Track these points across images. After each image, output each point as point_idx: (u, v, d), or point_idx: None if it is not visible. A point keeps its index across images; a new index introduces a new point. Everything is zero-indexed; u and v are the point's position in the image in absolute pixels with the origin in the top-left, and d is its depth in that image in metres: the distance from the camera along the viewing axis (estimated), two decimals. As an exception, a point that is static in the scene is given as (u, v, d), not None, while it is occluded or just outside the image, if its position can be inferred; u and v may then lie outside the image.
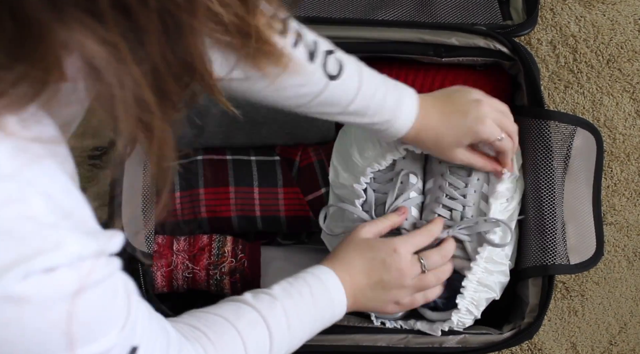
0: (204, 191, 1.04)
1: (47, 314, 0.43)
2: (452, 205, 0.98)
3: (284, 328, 0.78)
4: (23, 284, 0.42)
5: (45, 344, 0.44)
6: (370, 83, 0.88)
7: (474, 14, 1.11)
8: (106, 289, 0.48)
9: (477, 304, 0.96)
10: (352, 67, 0.86)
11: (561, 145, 1.00)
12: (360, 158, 1.01)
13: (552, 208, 0.99)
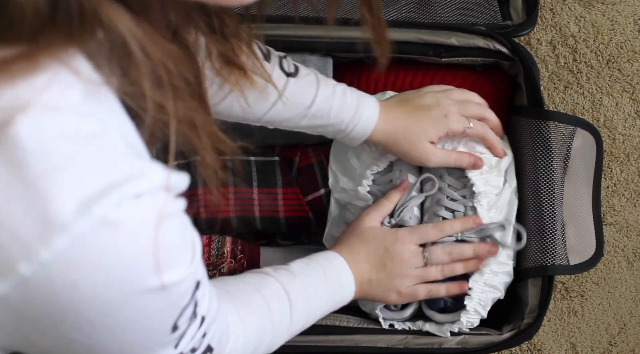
0: (202, 192, 1.04)
1: (138, 239, 0.45)
2: (453, 206, 0.98)
3: (303, 302, 0.82)
4: (117, 209, 0.43)
5: (137, 269, 0.46)
6: (327, 82, 0.91)
7: (474, 14, 1.11)
8: (180, 220, 0.50)
9: (485, 304, 0.97)
10: (305, 68, 0.89)
11: (561, 146, 1.00)
12: (357, 161, 1.01)
13: (552, 209, 0.99)
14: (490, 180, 0.98)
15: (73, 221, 0.42)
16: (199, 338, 0.60)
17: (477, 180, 0.98)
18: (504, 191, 0.99)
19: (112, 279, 0.45)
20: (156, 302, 0.49)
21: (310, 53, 1.06)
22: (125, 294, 0.46)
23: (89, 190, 0.43)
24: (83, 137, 0.44)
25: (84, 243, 0.43)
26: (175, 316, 0.52)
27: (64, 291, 0.44)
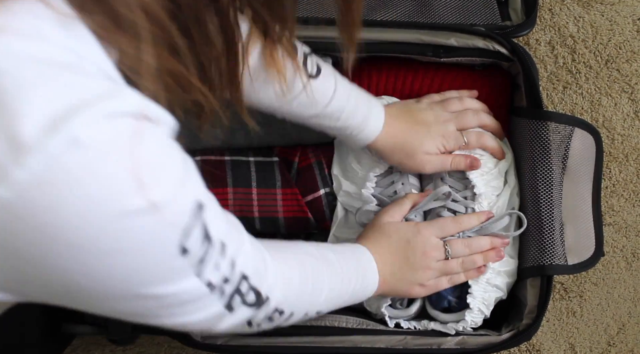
0: (202, 192, 1.04)
1: (112, 157, 0.44)
2: (455, 207, 0.99)
3: (337, 272, 0.82)
4: (88, 128, 0.43)
5: (116, 187, 0.45)
6: (344, 86, 0.92)
7: (473, 14, 1.11)
8: (163, 140, 0.50)
9: (488, 304, 0.97)
10: (328, 69, 0.90)
11: (559, 146, 1.00)
12: (358, 165, 1.02)
13: (550, 209, 0.99)
14: (490, 181, 0.99)
15: (43, 140, 0.42)
16: (226, 267, 0.59)
17: (478, 182, 0.98)
18: (504, 192, 0.99)
19: (93, 199, 0.44)
20: (148, 222, 0.47)
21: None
22: (110, 215, 0.45)
23: (58, 109, 0.42)
24: (55, 63, 0.44)
25: (58, 162, 0.42)
26: (178, 237, 0.51)
27: (46, 215, 0.43)
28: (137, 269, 0.50)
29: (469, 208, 0.98)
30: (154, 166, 0.47)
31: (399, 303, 1.00)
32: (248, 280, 0.63)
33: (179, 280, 0.54)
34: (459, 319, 0.97)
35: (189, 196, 0.51)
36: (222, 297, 0.60)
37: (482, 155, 0.99)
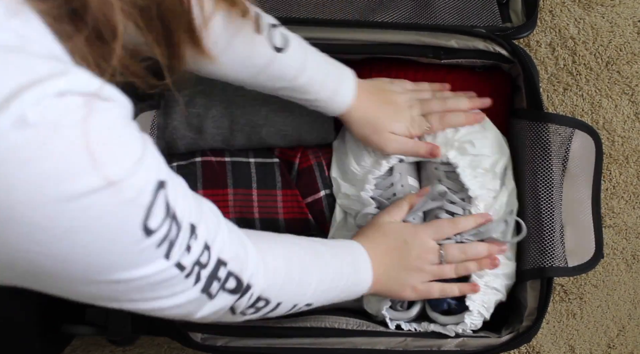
0: (202, 193, 1.03)
1: (63, 134, 0.44)
2: (453, 209, 0.99)
3: (327, 264, 0.82)
4: (36, 106, 0.43)
5: (70, 165, 0.44)
6: (315, 58, 0.92)
7: (473, 16, 1.11)
8: (117, 117, 0.49)
9: (487, 306, 0.97)
10: (296, 41, 0.90)
11: (559, 148, 1.00)
12: (358, 166, 1.02)
13: (551, 211, 0.99)
14: (485, 183, 0.99)
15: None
16: (199, 250, 0.58)
17: (472, 184, 0.98)
18: (501, 194, 0.99)
19: (46, 177, 0.44)
20: (106, 200, 0.47)
21: (309, 55, 1.06)
22: (64, 193, 0.45)
23: (5, 89, 0.42)
24: (1, 46, 0.43)
25: (7, 140, 0.42)
26: (141, 217, 0.50)
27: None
28: (99, 250, 0.49)
29: (466, 209, 0.98)
30: (108, 143, 0.47)
31: (400, 305, 1.00)
32: (227, 266, 0.63)
33: (146, 262, 0.53)
34: (458, 321, 0.97)
35: (149, 174, 0.51)
36: (198, 282, 0.60)
37: (477, 155, 0.99)
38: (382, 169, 1.01)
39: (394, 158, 1.01)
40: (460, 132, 1.00)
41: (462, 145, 0.99)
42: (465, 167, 0.99)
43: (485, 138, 1.00)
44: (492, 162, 1.00)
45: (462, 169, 0.99)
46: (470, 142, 0.99)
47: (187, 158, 1.06)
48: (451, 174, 1.00)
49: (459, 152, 0.99)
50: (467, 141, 0.99)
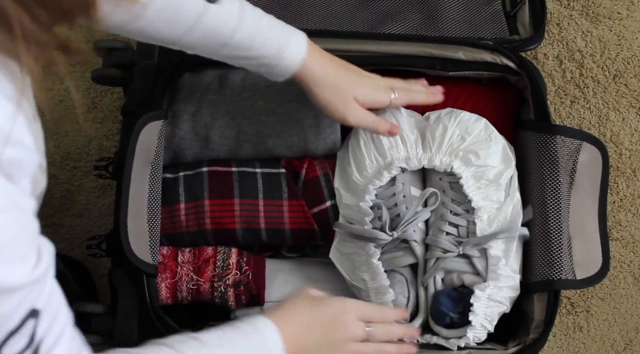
0: (209, 203, 1.04)
1: None
2: (457, 221, 0.99)
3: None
4: None
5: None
6: (253, 12, 0.87)
7: (481, 28, 1.11)
8: (11, 220, 0.46)
9: (491, 319, 0.96)
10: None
11: (567, 160, 1.00)
12: (360, 176, 1.02)
13: (558, 223, 0.98)
14: (489, 195, 0.99)
15: None
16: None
17: (475, 195, 0.98)
18: (505, 205, 0.99)
19: None
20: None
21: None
22: None
23: None
24: None
25: None
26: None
27: None
28: None
29: (470, 221, 0.98)
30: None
31: (402, 319, 0.99)
32: None
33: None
34: (461, 335, 0.96)
35: (25, 297, 0.47)
36: None
37: (482, 166, 0.99)
38: (384, 179, 1.01)
39: (395, 168, 1.00)
40: (466, 141, 1.00)
41: (466, 155, 0.99)
42: (469, 177, 0.99)
43: (489, 148, 1.00)
44: (496, 173, 1.00)
45: (466, 180, 0.99)
46: (475, 153, 0.99)
47: (194, 168, 1.06)
48: (455, 185, 1.00)
49: (463, 162, 0.99)
50: (472, 151, 0.99)
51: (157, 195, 1.00)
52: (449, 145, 1.00)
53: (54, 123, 1.25)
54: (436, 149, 1.01)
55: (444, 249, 0.98)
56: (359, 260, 1.01)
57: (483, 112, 1.06)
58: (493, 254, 0.97)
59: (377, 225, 1.01)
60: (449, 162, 0.99)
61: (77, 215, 1.23)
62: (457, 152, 1.00)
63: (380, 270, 0.99)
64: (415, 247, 1.00)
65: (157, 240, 1.00)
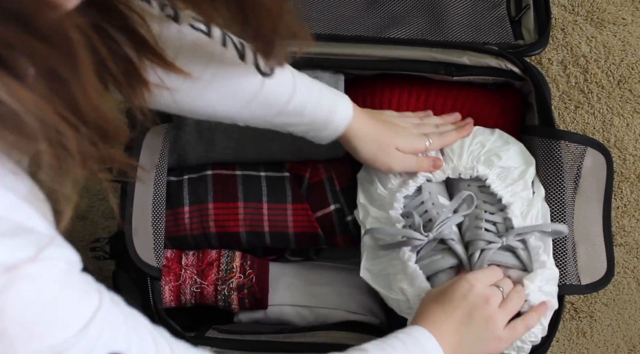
0: (213, 206, 1.04)
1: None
2: (493, 218, 0.97)
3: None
4: None
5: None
6: (304, 80, 0.90)
7: (486, 33, 1.11)
8: (45, 286, 0.47)
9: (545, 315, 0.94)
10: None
11: (571, 165, 1.00)
12: (385, 189, 1.01)
13: (563, 228, 0.98)
14: (517, 192, 0.98)
15: None
16: None
17: (504, 194, 0.97)
18: (535, 201, 0.98)
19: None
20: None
21: (322, 69, 1.07)
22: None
23: None
24: None
25: None
26: None
27: None
28: None
29: (505, 218, 0.96)
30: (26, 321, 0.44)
31: None
32: None
33: None
34: None
35: (98, 343, 0.48)
36: None
37: (505, 167, 0.98)
38: (410, 189, 1.00)
39: (421, 177, 1.00)
40: (486, 147, 1.00)
41: (488, 158, 0.99)
42: (495, 178, 0.99)
43: (509, 150, 1.00)
44: (520, 172, 0.99)
45: (492, 180, 0.98)
46: (497, 154, 0.99)
47: (198, 171, 1.06)
48: (484, 188, 0.99)
49: (486, 165, 0.99)
50: (493, 154, 0.99)
51: (161, 198, 1.00)
52: (470, 153, 1.00)
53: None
54: (457, 159, 1.00)
55: (487, 240, 0.96)
56: (394, 271, 0.98)
57: (488, 117, 1.06)
58: (534, 244, 0.95)
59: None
60: (473, 166, 0.99)
61: (81, 218, 1.23)
62: (478, 157, 0.99)
63: (418, 272, 0.95)
64: (454, 245, 0.97)
65: (162, 242, 1.00)
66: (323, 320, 1.06)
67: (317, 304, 1.07)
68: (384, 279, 1.00)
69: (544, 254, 0.95)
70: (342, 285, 1.07)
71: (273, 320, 1.07)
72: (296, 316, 1.07)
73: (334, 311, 1.07)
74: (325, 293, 1.07)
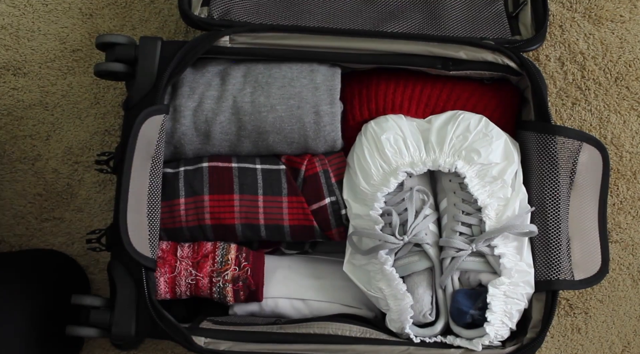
0: (208, 198, 1.04)
1: None
2: (469, 220, 0.99)
3: None
4: None
5: None
6: None
7: (483, 28, 1.11)
8: None
9: (510, 315, 0.96)
10: None
11: (567, 161, 1.00)
12: (367, 186, 1.02)
13: (557, 223, 0.99)
14: (495, 191, 0.99)
15: None
16: None
17: (481, 194, 0.98)
18: (512, 201, 0.99)
19: None
20: None
21: (318, 63, 1.07)
22: None
23: None
24: None
25: None
26: None
27: None
28: None
29: (481, 219, 0.98)
30: None
31: (423, 316, 0.99)
32: None
33: None
34: (482, 334, 0.96)
35: None
36: None
37: (484, 164, 0.99)
38: (391, 186, 1.01)
39: (401, 173, 1.01)
40: (468, 140, 1.00)
41: (469, 154, 0.99)
42: (473, 177, 0.99)
43: (490, 145, 1.00)
44: (500, 170, 1.00)
45: (470, 179, 0.99)
46: (477, 151, 0.99)
47: (194, 163, 1.06)
48: (464, 185, 1.00)
49: (466, 161, 1.00)
50: (474, 150, 0.99)
51: (157, 190, 1.01)
52: (451, 146, 1.01)
53: (56, 118, 1.25)
54: (439, 151, 1.01)
55: (457, 248, 0.98)
56: (374, 270, 1.01)
57: (484, 112, 1.06)
58: (498, 252, 0.97)
59: (388, 232, 1.01)
60: (453, 162, 1.00)
61: (78, 210, 1.23)
62: (459, 151, 1.00)
63: (394, 275, 0.99)
64: (428, 249, 1.00)
65: (157, 234, 1.00)
66: (318, 313, 1.07)
67: (312, 297, 1.07)
68: (364, 275, 1.03)
69: (512, 260, 0.97)
70: (337, 278, 1.07)
71: (268, 313, 1.08)
72: (291, 309, 1.07)
73: (328, 304, 1.07)
74: (321, 286, 1.08)
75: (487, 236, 0.96)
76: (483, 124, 1.02)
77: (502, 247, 0.98)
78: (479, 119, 1.02)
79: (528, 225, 0.98)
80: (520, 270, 0.97)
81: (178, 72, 1.02)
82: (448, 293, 1.00)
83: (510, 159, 1.01)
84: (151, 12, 1.28)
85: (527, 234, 0.98)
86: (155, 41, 1.04)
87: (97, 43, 1.05)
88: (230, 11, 1.10)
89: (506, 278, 0.96)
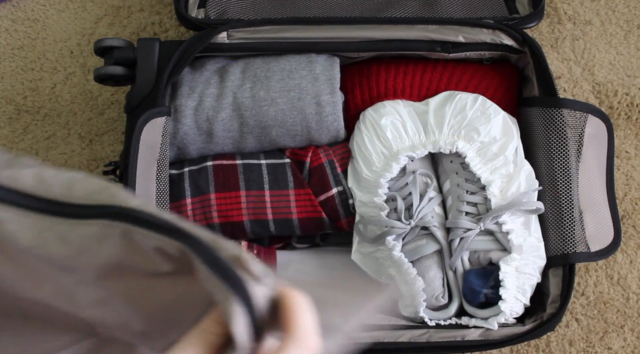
0: (215, 197, 1.03)
1: None
2: (474, 199, 0.99)
3: None
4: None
5: None
6: None
7: (480, 9, 1.12)
8: None
9: (523, 291, 0.96)
10: None
11: (574, 133, 0.99)
12: (370, 173, 1.01)
13: (569, 197, 0.98)
14: (497, 168, 0.99)
15: None
16: None
17: (483, 172, 0.98)
18: (515, 176, 0.99)
19: None
20: None
21: (316, 53, 1.06)
22: None
23: None
24: None
25: None
26: None
27: None
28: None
29: (486, 198, 0.98)
30: None
31: (435, 299, 0.98)
32: None
33: None
34: (497, 312, 0.95)
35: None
36: None
37: (484, 142, 0.99)
38: (394, 171, 1.01)
39: (403, 158, 1.00)
40: (466, 120, 1.00)
41: (468, 133, 0.99)
42: (474, 155, 0.99)
43: (489, 122, 1.00)
44: (500, 146, 0.99)
45: (471, 158, 0.99)
46: (476, 129, 0.99)
47: (198, 163, 1.06)
48: (466, 165, 1.00)
49: (466, 140, 0.99)
50: (473, 128, 0.99)
51: (164, 193, 1.00)
52: (450, 126, 1.00)
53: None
54: (439, 132, 1.01)
55: (465, 228, 0.98)
56: (382, 256, 1.01)
57: (486, 93, 1.06)
58: (505, 229, 0.96)
59: (394, 217, 1.00)
60: (453, 142, 0.99)
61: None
62: (459, 131, 1.00)
63: (403, 260, 0.98)
64: (435, 232, 0.99)
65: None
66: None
67: (326, 289, 1.06)
68: (373, 262, 1.02)
69: (520, 236, 0.97)
70: (352, 268, 1.06)
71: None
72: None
73: (342, 295, 1.06)
74: (334, 277, 1.07)
75: (494, 214, 0.96)
76: (480, 102, 1.02)
77: (510, 223, 0.97)
78: (475, 98, 1.02)
79: (535, 201, 0.98)
80: (530, 244, 0.97)
81: (177, 72, 1.01)
82: (459, 274, 0.99)
83: (510, 135, 1.01)
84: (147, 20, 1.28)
85: (534, 211, 0.98)
86: (153, 42, 1.03)
87: (95, 48, 1.05)
88: (226, 11, 1.10)
89: (517, 255, 0.95)
